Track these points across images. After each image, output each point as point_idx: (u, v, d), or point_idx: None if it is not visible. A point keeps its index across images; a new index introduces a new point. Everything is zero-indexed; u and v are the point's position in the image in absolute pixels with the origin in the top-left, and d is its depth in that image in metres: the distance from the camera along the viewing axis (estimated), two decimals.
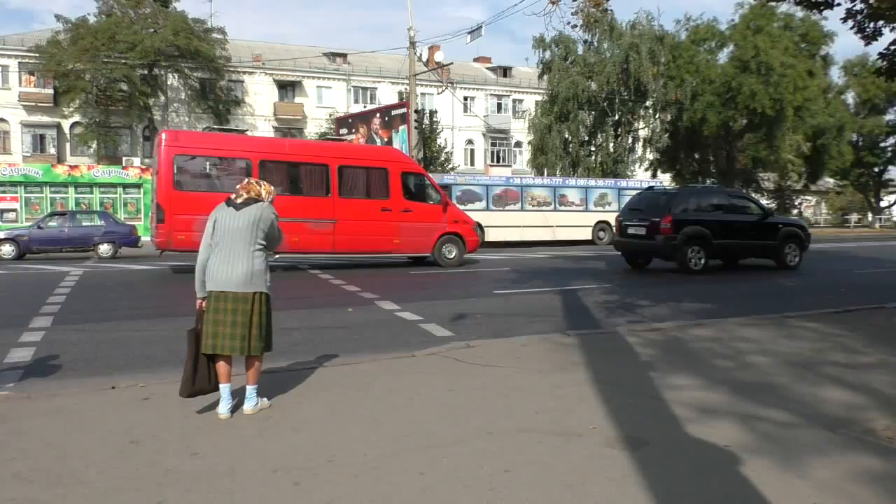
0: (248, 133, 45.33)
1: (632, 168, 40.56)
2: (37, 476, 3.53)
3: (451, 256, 16.57)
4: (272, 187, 4.80)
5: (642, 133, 40.16)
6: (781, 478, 3.50)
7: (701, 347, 6.67)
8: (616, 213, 24.87)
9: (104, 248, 20.29)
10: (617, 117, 38.28)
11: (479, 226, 23.09)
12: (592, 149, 39.11)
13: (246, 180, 4.76)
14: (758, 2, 36.30)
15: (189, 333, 4.60)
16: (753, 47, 37.56)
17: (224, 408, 4.54)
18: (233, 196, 4.67)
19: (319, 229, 15.00)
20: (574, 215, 27.81)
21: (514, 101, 53.28)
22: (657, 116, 39.59)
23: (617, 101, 36.80)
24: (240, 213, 4.55)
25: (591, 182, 29.63)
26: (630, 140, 39.30)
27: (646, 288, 12.64)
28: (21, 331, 7.74)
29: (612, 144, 38.92)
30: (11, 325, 8.13)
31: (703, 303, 10.50)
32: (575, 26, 9.95)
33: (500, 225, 25.87)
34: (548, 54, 38.41)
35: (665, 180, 48.06)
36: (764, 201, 50.23)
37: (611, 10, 9.56)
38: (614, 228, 18.02)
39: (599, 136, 38.99)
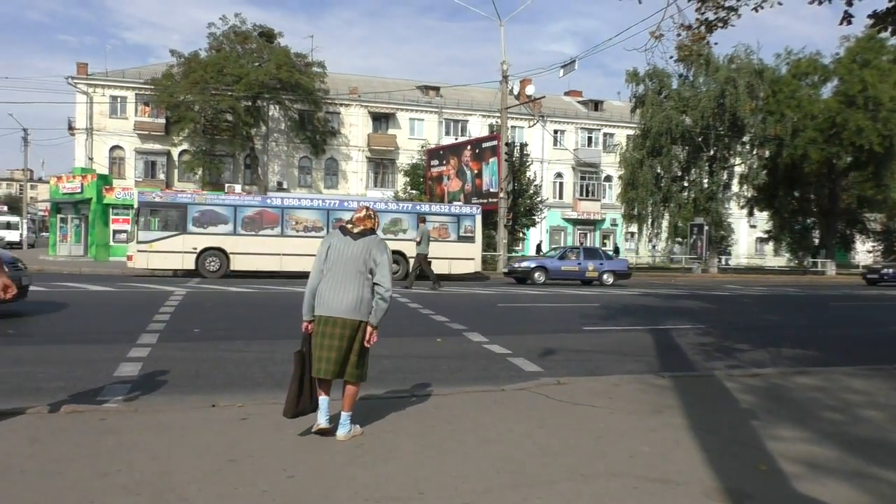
0: (342, 163, 46.86)
1: (726, 205, 39.26)
2: (142, 489, 3.68)
3: None
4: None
5: (738, 169, 38.87)
6: None
7: (805, 397, 6.33)
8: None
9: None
10: (712, 153, 37.25)
11: (224, 252, 21.90)
12: (685, 184, 38.15)
13: (364, 212, 4.82)
14: (865, 34, 34.72)
15: (295, 356, 4.73)
16: (860, 81, 35.84)
17: (322, 419, 4.69)
18: (348, 225, 4.80)
19: None
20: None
21: (604, 134, 52.78)
22: (755, 152, 38.26)
23: (712, 136, 35.83)
24: (356, 242, 4.69)
25: (380, 206, 24.93)
26: (725, 176, 38.11)
27: (743, 331, 12.13)
28: (130, 346, 8.18)
29: (706, 180, 37.84)
30: (121, 340, 8.60)
31: (805, 349, 9.98)
32: (678, 61, 9.79)
33: (252, 252, 22.31)
34: (641, 88, 37.92)
35: (763, 218, 46.29)
36: (869, 244, 47.56)
37: (715, 44, 9.31)
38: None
39: (693, 171, 38.00)
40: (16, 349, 7.96)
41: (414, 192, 37.86)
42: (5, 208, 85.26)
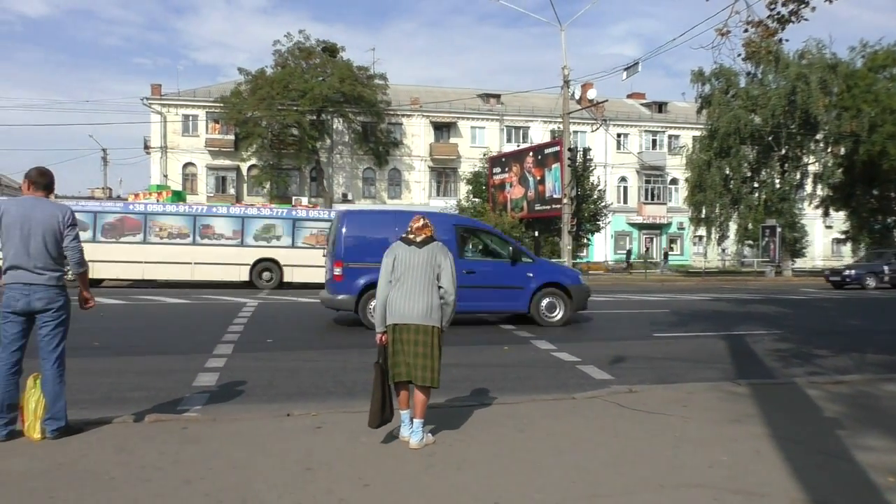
0: (405, 174, 47.34)
1: (799, 206, 37.86)
2: (224, 496, 3.79)
3: None
4: None
5: (812, 168, 37.45)
6: None
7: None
8: (289, 248, 22.00)
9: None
10: (783, 152, 36.03)
11: None
12: (755, 185, 36.98)
13: (421, 221, 4.94)
14: None
15: (375, 367, 4.82)
16: None
17: (406, 431, 4.80)
18: (410, 235, 4.89)
19: None
20: (223, 251, 22.62)
21: (669, 137, 51.76)
22: (829, 150, 36.78)
23: (783, 134, 34.65)
24: (422, 250, 4.81)
25: (251, 211, 23.99)
26: (798, 176, 36.78)
27: (823, 336, 11.65)
28: (206, 357, 8.45)
29: (777, 181, 36.60)
30: (198, 351, 8.90)
31: (892, 355, 9.51)
32: (746, 59, 9.50)
33: (112, 260, 21.48)
34: (707, 88, 37.03)
35: (839, 218, 44.40)
36: None
37: (786, 41, 8.90)
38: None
39: (763, 171, 36.83)
40: (102, 361, 8.31)
41: (476, 200, 37.92)
42: None
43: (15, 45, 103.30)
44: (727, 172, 36.10)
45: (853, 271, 27.17)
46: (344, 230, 11.78)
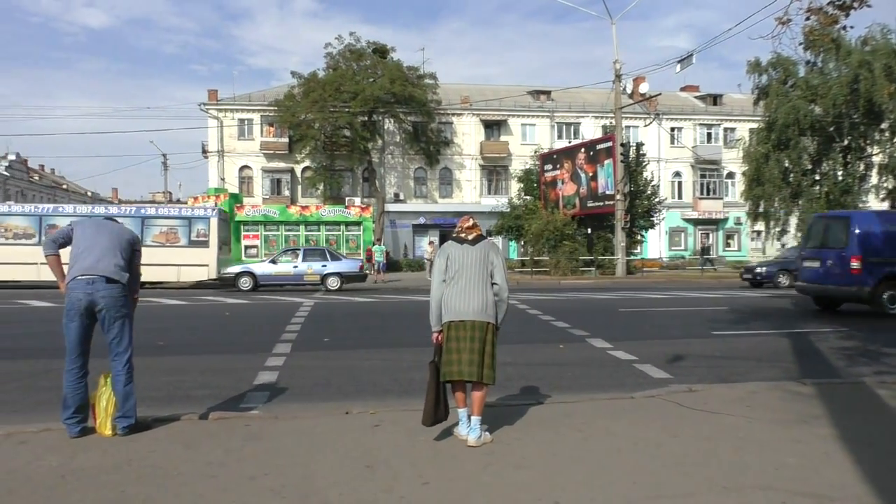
0: (455, 172, 47.41)
1: (864, 198, 36.46)
2: (288, 492, 3.87)
3: None
4: None
5: (876, 159, 36.02)
6: None
7: None
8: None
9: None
10: (846, 143, 34.74)
11: None
12: (817, 178, 35.77)
13: (471, 221, 5.01)
14: None
15: (430, 366, 4.86)
16: None
17: (464, 429, 4.82)
18: (461, 234, 4.93)
19: None
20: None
21: (725, 129, 50.46)
22: (895, 140, 35.35)
23: (846, 124, 33.42)
24: (474, 248, 4.84)
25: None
26: (862, 167, 35.43)
27: (892, 333, 11.22)
28: (266, 356, 8.63)
29: (839, 172, 35.34)
30: (258, 350, 9.10)
31: None
32: (808, 48, 9.22)
33: None
34: (764, 78, 35.92)
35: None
36: None
37: (851, 28, 8.51)
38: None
39: (825, 163, 35.57)
40: (166, 360, 8.58)
41: (528, 197, 37.71)
42: None
43: (80, 56, 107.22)
44: (786, 165, 35.02)
45: (764, 269, 25.98)
46: (857, 230, 13.55)
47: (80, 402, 4.90)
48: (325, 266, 22.43)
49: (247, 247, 34.06)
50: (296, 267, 22.39)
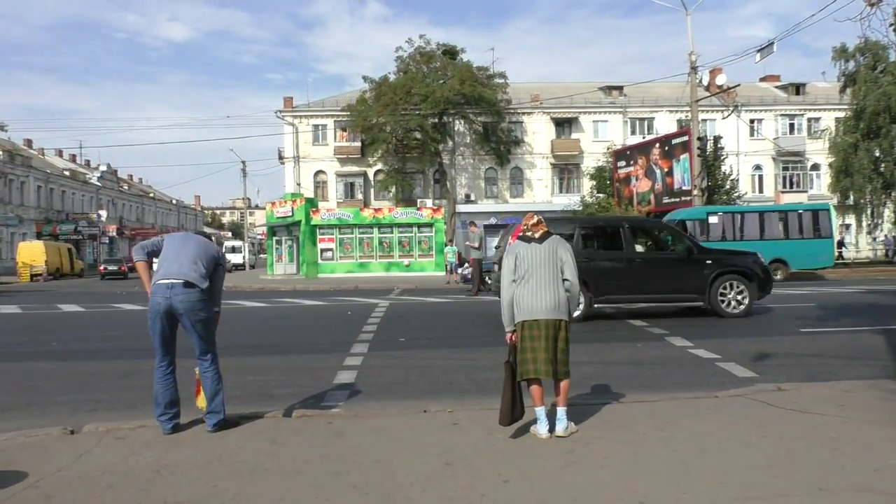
0: (526, 172, 47.16)
1: None
2: (370, 488, 3.93)
3: None
4: None
5: None
6: None
7: None
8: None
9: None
10: None
11: None
12: None
13: (535, 218, 4.98)
14: None
15: (506, 366, 4.87)
16: None
17: (543, 428, 4.80)
18: (528, 233, 4.91)
19: None
20: None
21: (808, 120, 48.39)
22: None
23: None
24: (542, 245, 4.82)
25: None
26: None
27: None
28: (344, 356, 8.80)
29: None
30: (337, 349, 9.28)
31: None
32: None
33: None
34: (851, 65, 34.25)
35: None
36: None
37: None
38: None
39: None
40: (249, 360, 8.85)
41: (600, 195, 37.11)
42: (230, 234, 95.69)
43: (164, 69, 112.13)
44: (877, 154, 33.26)
45: None
46: None
47: (168, 399, 5.12)
48: None
49: (323, 250, 34.74)
50: None
